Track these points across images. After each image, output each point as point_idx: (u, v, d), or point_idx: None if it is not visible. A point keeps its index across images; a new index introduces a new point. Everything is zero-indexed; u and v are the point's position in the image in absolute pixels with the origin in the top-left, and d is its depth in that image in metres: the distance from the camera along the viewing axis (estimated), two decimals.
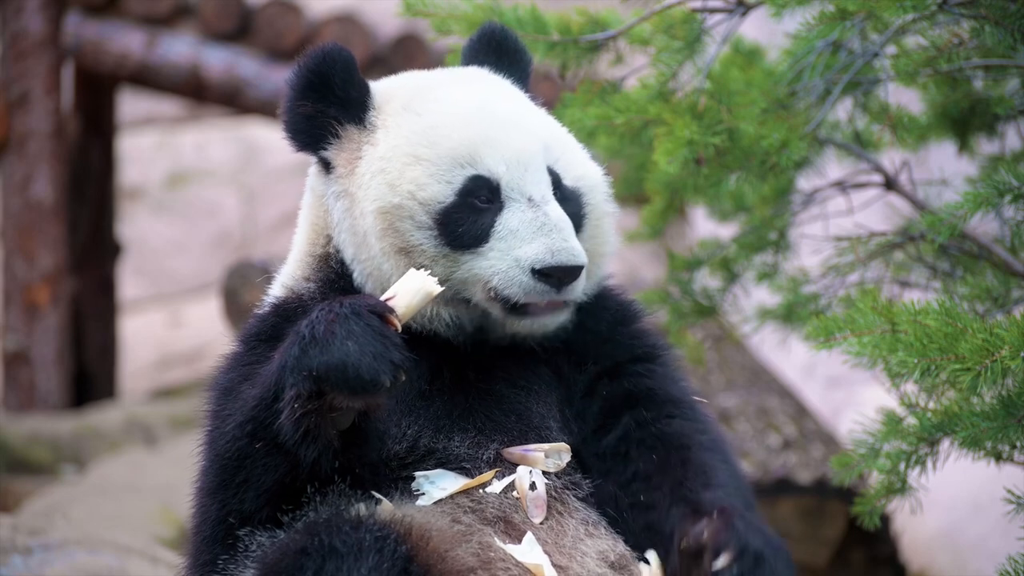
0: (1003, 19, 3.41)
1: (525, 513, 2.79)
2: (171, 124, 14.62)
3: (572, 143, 3.04)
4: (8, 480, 7.64)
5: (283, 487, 2.72)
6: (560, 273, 2.81)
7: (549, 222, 2.84)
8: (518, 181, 2.87)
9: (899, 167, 4.13)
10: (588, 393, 2.97)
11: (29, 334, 9.48)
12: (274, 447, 2.69)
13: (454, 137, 2.89)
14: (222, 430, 2.78)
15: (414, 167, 2.88)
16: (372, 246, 2.89)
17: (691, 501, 2.75)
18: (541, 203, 2.87)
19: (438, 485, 2.80)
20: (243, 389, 2.79)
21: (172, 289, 14.20)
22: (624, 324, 3.04)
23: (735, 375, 6.17)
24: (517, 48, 3.17)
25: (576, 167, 2.99)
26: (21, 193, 9.56)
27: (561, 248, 2.81)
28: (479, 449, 2.85)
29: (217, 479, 2.78)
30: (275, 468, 2.71)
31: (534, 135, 2.93)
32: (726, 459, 2.91)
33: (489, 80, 3.08)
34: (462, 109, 2.93)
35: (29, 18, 9.52)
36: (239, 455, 2.73)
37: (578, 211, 2.95)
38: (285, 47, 9.45)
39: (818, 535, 5.76)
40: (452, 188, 2.87)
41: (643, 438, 2.90)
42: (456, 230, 2.85)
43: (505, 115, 2.94)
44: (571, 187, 2.96)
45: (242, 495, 2.74)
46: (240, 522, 2.75)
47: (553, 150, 2.96)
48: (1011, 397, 3.17)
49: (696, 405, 3.01)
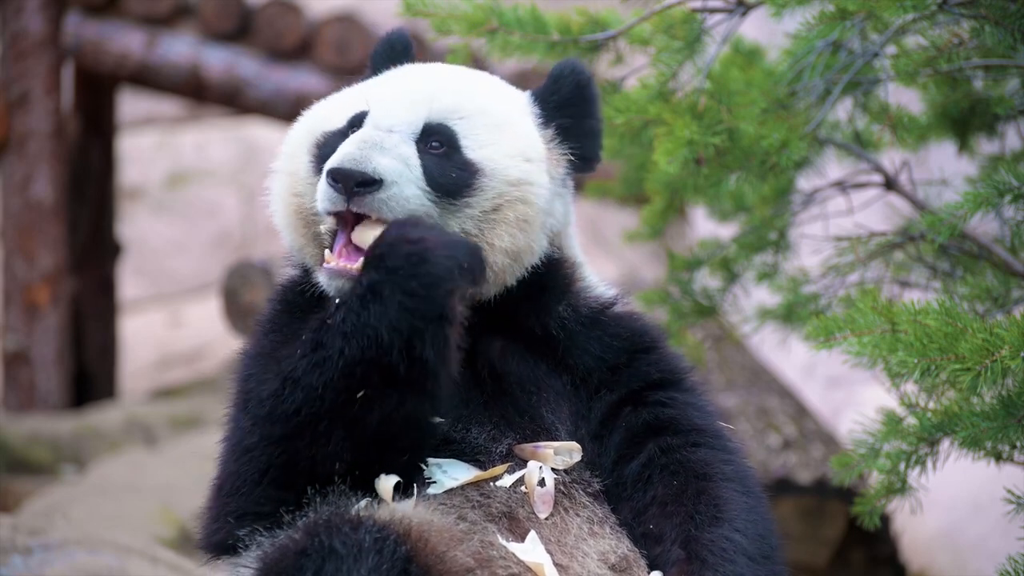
0: (1003, 19, 3.41)
1: (531, 508, 2.80)
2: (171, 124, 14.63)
3: (512, 134, 2.96)
4: (8, 480, 7.64)
5: (384, 421, 2.73)
6: (341, 176, 2.78)
7: (358, 135, 2.85)
8: (376, 112, 2.91)
9: (899, 167, 4.13)
10: (609, 419, 2.95)
11: (29, 334, 9.48)
12: (393, 383, 2.70)
13: (371, 83, 3.03)
14: (272, 395, 2.74)
15: (330, 102, 3.04)
16: (276, 168, 3.03)
17: (692, 540, 2.77)
18: (382, 130, 2.87)
19: (450, 475, 2.81)
20: (287, 354, 2.76)
21: (172, 289, 14.21)
22: (642, 352, 3.01)
23: (735, 375, 6.17)
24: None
25: (490, 148, 2.93)
26: (21, 193, 9.56)
27: (347, 154, 2.80)
28: (495, 443, 2.86)
29: (280, 431, 2.74)
30: (384, 405, 2.71)
31: (441, 89, 2.95)
32: (748, 490, 2.89)
33: (464, 70, 3.12)
34: (400, 71, 3.07)
35: (29, 18, 9.52)
36: (323, 409, 2.70)
37: (465, 184, 2.89)
38: (285, 47, 9.45)
39: (818, 535, 5.76)
40: (344, 117, 2.97)
41: (667, 464, 2.89)
42: (322, 153, 2.92)
43: (427, 73, 3.03)
44: (470, 158, 2.91)
45: (324, 440, 2.72)
46: (312, 469, 2.73)
47: (468, 117, 2.93)
48: (1011, 397, 3.17)
49: (722, 432, 2.98)
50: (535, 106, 3.06)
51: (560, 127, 3.03)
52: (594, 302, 3.05)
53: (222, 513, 2.83)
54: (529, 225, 2.92)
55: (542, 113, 3.04)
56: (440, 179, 2.87)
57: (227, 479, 2.83)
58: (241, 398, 2.84)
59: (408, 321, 2.69)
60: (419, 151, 2.88)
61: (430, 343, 2.71)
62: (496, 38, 3.76)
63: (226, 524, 2.81)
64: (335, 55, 9.38)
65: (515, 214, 2.90)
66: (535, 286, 2.98)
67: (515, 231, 2.90)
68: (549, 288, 3.00)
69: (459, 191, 2.88)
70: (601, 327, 3.01)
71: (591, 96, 3.07)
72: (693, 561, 2.76)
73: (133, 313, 13.32)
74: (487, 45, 3.79)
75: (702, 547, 2.76)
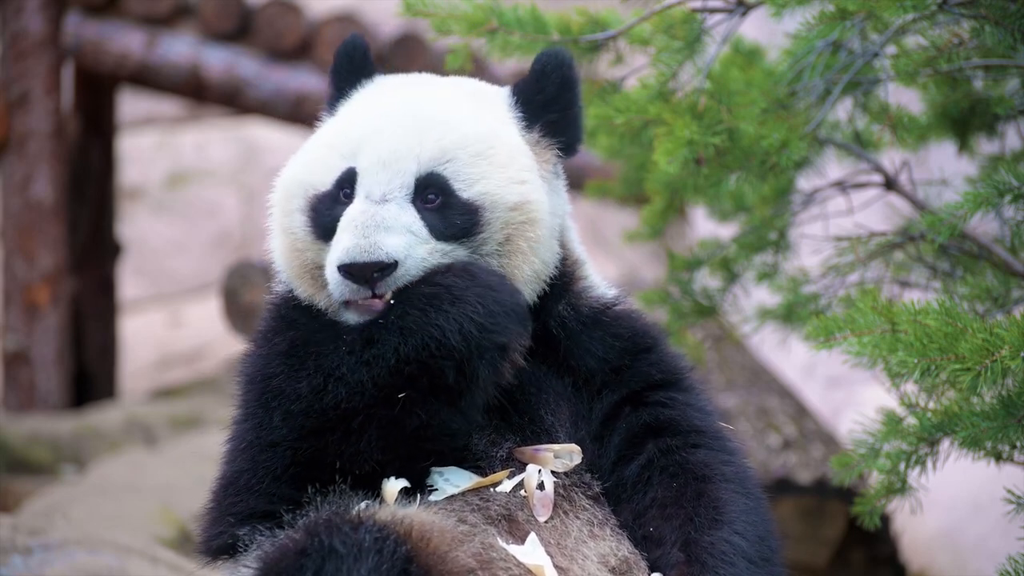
0: (1003, 19, 3.41)
1: (530, 512, 2.80)
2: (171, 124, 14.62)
3: (500, 158, 2.92)
4: (8, 480, 7.64)
5: (418, 428, 2.75)
6: (356, 270, 2.78)
7: (358, 219, 2.81)
8: (368, 177, 2.87)
9: (899, 167, 4.13)
10: (609, 420, 2.95)
11: (29, 334, 9.47)
12: (435, 391, 2.74)
13: (351, 131, 2.94)
14: (313, 390, 2.75)
15: (314, 152, 2.97)
16: (272, 221, 3.01)
17: (692, 542, 2.78)
18: (377, 201, 2.84)
19: (451, 482, 2.81)
20: (329, 350, 2.77)
21: (172, 289, 14.20)
22: (643, 352, 3.01)
23: (735, 375, 6.17)
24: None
25: (482, 182, 2.90)
26: (21, 193, 9.55)
27: (355, 245, 2.77)
28: (494, 448, 2.86)
29: (312, 424, 2.75)
30: (422, 411, 2.74)
31: (422, 137, 2.89)
32: (747, 491, 2.89)
33: (438, 83, 3.07)
34: (377, 106, 2.98)
35: (29, 18, 9.51)
36: (362, 404, 2.73)
37: (469, 224, 2.87)
38: (285, 47, 9.45)
39: (818, 535, 5.76)
40: (332, 177, 2.92)
41: (667, 465, 2.89)
42: (319, 219, 2.91)
43: (404, 115, 2.93)
44: (467, 199, 2.88)
45: (356, 436, 2.74)
46: (339, 464, 2.75)
47: (454, 158, 2.89)
48: (1011, 397, 3.17)
49: (721, 432, 2.98)
50: (517, 108, 3.02)
51: (546, 123, 3.01)
52: (595, 302, 3.04)
53: (225, 514, 2.83)
54: (541, 243, 2.92)
55: (526, 114, 3.01)
56: (446, 230, 2.86)
57: (237, 477, 2.83)
58: (265, 396, 2.82)
59: (477, 335, 2.73)
60: (419, 209, 2.86)
61: (488, 363, 2.75)
62: (496, 38, 3.76)
63: (228, 525, 2.81)
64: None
65: (526, 240, 2.90)
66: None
67: (530, 256, 2.91)
68: (551, 286, 2.99)
69: (467, 233, 2.88)
70: (602, 327, 3.00)
71: (575, 86, 3.03)
72: (693, 564, 2.76)
73: (133, 313, 13.31)
74: (487, 45, 3.79)
75: (701, 550, 2.77)
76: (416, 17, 3.78)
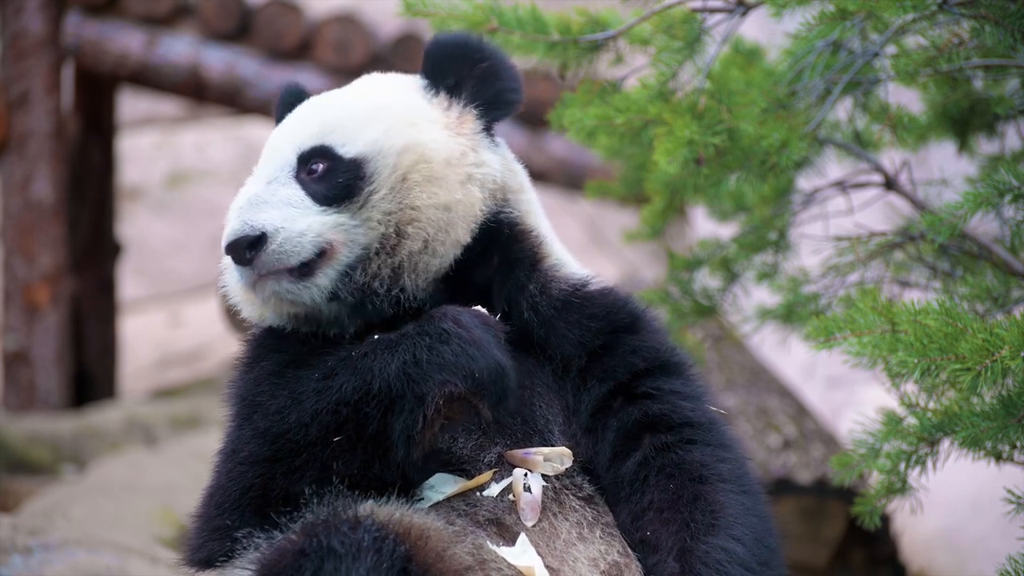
0: (1003, 19, 3.41)
1: (518, 516, 2.78)
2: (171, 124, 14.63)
3: (389, 116, 2.94)
4: (8, 480, 7.63)
5: (350, 476, 2.71)
6: (231, 251, 2.85)
7: (237, 203, 2.91)
8: (258, 170, 2.99)
9: (899, 167, 4.13)
10: (600, 413, 2.91)
11: (29, 334, 9.47)
12: (360, 441, 2.68)
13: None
14: (278, 411, 2.73)
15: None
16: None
17: (687, 551, 2.76)
18: (257, 186, 2.92)
19: (436, 489, 2.79)
20: (305, 375, 2.75)
21: (172, 289, 14.21)
22: (623, 332, 2.96)
23: (735, 375, 6.16)
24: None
25: (366, 136, 2.91)
26: (21, 193, 9.55)
27: (230, 228, 2.86)
28: (482, 452, 2.84)
29: (267, 451, 2.73)
30: (351, 461, 2.70)
31: (307, 120, 2.96)
32: (745, 489, 2.87)
33: (356, 82, 3.10)
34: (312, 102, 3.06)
35: (29, 18, 9.51)
36: (307, 440, 2.70)
37: (353, 179, 2.88)
38: (285, 47, 9.45)
39: (818, 535, 5.76)
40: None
41: (663, 465, 2.86)
42: None
43: (299, 111, 3.02)
44: (352, 156, 2.90)
45: (298, 475, 2.71)
46: (280, 499, 2.72)
47: (338, 127, 2.92)
48: (1011, 397, 3.17)
49: (716, 421, 2.94)
50: (420, 82, 3.03)
51: (452, 87, 3.00)
52: (565, 282, 3.00)
53: (207, 527, 2.81)
54: (442, 178, 2.89)
55: (429, 84, 3.02)
56: (330, 192, 2.87)
57: (216, 491, 2.82)
58: (248, 409, 2.82)
59: (400, 385, 2.68)
60: (302, 183, 2.89)
61: (400, 415, 2.68)
62: (496, 38, 3.75)
63: (211, 538, 2.79)
64: (335, 55, 9.39)
65: (420, 174, 2.88)
66: (503, 259, 2.95)
67: (431, 188, 2.88)
68: (516, 262, 2.96)
69: (355, 190, 2.88)
70: (576, 309, 2.96)
71: (470, 46, 3.03)
72: (687, 575, 2.75)
73: (133, 313, 13.32)
74: None
75: (696, 560, 2.75)
76: (416, 17, 3.78)
